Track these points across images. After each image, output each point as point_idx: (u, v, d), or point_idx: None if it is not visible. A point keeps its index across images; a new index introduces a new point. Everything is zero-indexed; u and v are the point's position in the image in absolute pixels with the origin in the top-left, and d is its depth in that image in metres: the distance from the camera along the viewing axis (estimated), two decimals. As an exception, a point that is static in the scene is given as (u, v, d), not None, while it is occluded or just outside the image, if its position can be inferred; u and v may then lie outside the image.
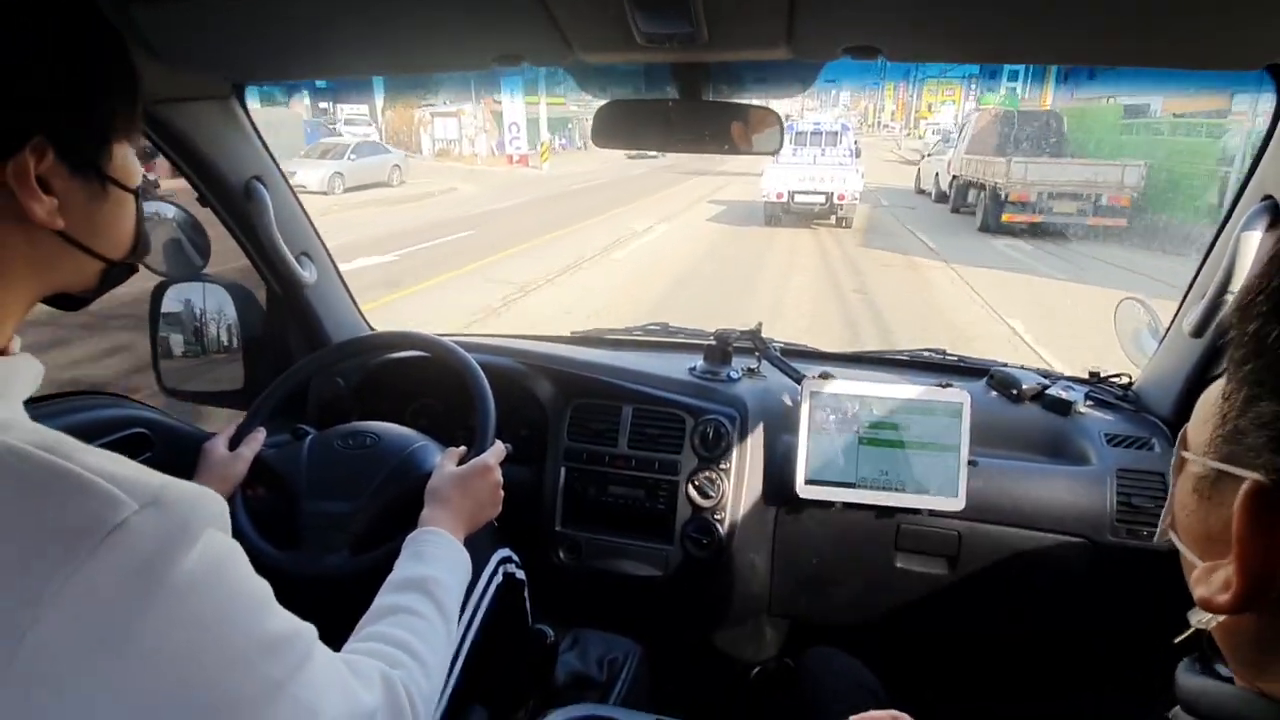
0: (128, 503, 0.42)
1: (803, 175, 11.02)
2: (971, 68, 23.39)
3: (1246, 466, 0.34)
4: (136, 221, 0.59)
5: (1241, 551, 0.33)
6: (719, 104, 1.04)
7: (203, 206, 1.25)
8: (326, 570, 0.94)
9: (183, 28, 0.92)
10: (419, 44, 0.98)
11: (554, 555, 1.36)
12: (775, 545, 1.33)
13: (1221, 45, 0.84)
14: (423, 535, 0.84)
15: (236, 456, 1.02)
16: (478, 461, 0.97)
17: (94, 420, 1.08)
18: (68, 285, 0.56)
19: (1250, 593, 0.34)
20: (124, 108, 0.54)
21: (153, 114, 1.09)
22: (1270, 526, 0.32)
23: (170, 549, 0.43)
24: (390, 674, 0.61)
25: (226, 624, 0.45)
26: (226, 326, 1.32)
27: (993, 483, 1.23)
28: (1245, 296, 0.35)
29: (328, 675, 0.53)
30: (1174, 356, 1.26)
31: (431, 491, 0.93)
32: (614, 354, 1.52)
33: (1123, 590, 1.19)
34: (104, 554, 0.41)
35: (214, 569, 0.46)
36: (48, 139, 0.48)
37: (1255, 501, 0.33)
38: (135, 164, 0.57)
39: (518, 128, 23.45)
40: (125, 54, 0.54)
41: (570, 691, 1.21)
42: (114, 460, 0.45)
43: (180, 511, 0.44)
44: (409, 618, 0.71)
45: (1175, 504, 0.41)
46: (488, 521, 0.96)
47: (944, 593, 1.27)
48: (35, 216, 0.48)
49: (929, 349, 1.60)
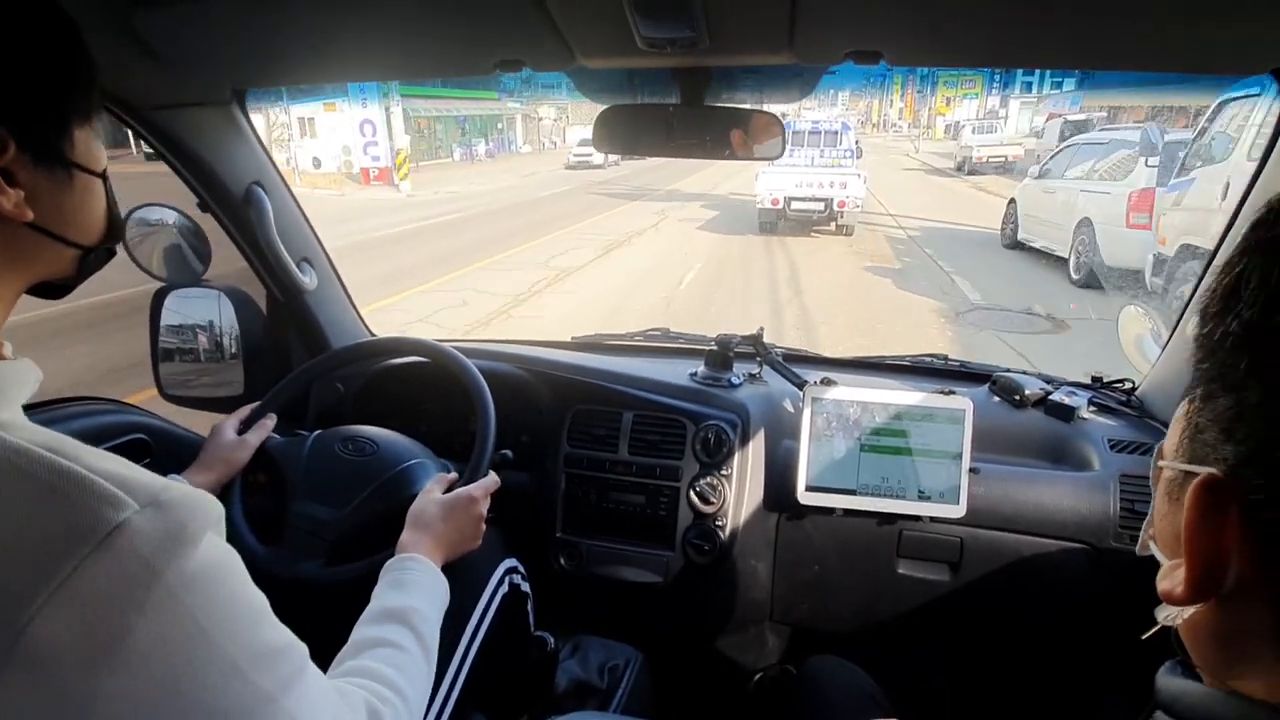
0: (129, 503, 0.43)
1: (800, 180, 10.27)
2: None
3: (1204, 462, 0.35)
4: (108, 205, 0.59)
5: (1190, 539, 0.34)
6: (720, 109, 1.04)
7: (203, 212, 1.25)
8: (300, 575, 0.94)
9: (185, 33, 0.92)
10: (420, 50, 0.99)
11: (555, 561, 1.35)
12: (777, 551, 1.32)
13: (1226, 49, 0.84)
14: (403, 562, 0.83)
15: (242, 442, 1.03)
16: (462, 492, 0.95)
17: (94, 426, 1.08)
18: (48, 275, 0.56)
19: (1201, 582, 0.35)
20: (82, 93, 0.54)
21: (153, 119, 1.09)
22: (1218, 516, 0.33)
23: (170, 550, 0.43)
24: (378, 707, 0.61)
25: (222, 630, 0.45)
26: (227, 332, 1.32)
27: (995, 489, 1.22)
28: (1201, 300, 0.36)
29: (320, 696, 0.53)
30: (1177, 362, 1.25)
31: (414, 516, 0.92)
32: (615, 360, 1.51)
33: (1125, 597, 1.18)
34: (104, 554, 0.41)
35: (213, 573, 0.46)
36: (9, 132, 0.48)
37: (1205, 493, 0.34)
38: (99, 148, 0.57)
39: (373, 128, 18.30)
40: (78, 39, 0.53)
41: (571, 699, 1.20)
42: (115, 461, 0.45)
43: (180, 514, 0.45)
44: (392, 652, 0.71)
45: (1154, 512, 0.42)
46: (465, 552, 0.94)
47: (946, 599, 1.26)
48: (3, 210, 0.48)
49: (931, 354, 1.60)
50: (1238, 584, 0.34)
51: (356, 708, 0.59)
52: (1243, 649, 0.35)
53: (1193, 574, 0.35)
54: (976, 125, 21.58)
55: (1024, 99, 26.77)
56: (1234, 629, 0.36)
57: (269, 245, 1.27)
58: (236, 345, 1.33)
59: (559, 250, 9.76)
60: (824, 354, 1.62)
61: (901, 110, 45.03)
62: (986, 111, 30.00)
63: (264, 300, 1.40)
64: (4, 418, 0.45)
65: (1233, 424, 0.33)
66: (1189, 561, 0.35)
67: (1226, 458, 0.34)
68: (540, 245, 10.19)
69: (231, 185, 1.23)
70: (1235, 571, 0.34)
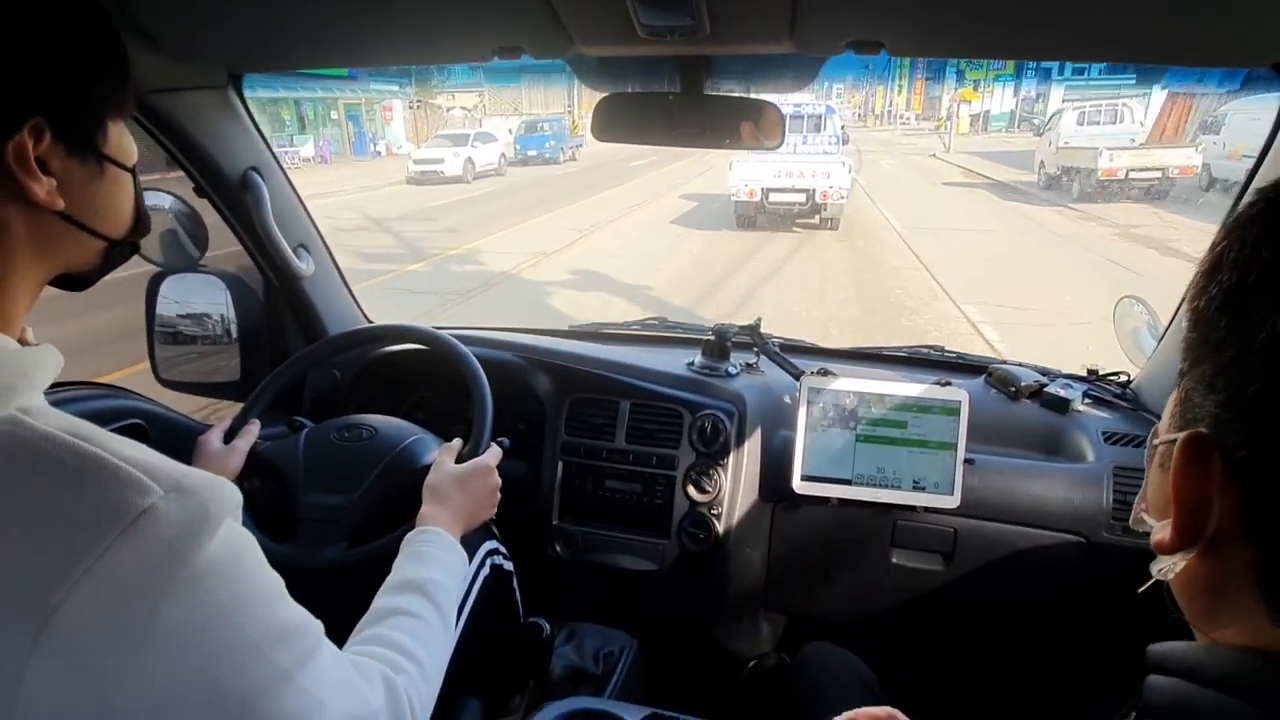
0: (154, 488, 0.43)
1: (779, 170, 9.26)
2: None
3: (1191, 426, 0.38)
4: (135, 199, 0.59)
5: (1177, 488, 0.37)
6: (720, 97, 1.04)
7: (200, 198, 1.25)
8: (323, 563, 0.94)
9: (180, 18, 0.91)
10: (417, 35, 0.98)
11: (551, 549, 1.36)
12: (771, 540, 1.33)
13: (1227, 41, 0.83)
14: (421, 535, 0.85)
15: (231, 450, 1.02)
16: (479, 461, 0.97)
17: (91, 411, 1.08)
18: (71, 266, 0.57)
19: (1187, 528, 0.37)
20: (117, 86, 0.55)
21: (149, 104, 1.09)
22: (1203, 466, 0.36)
23: (193, 534, 0.44)
24: (392, 677, 0.62)
25: (243, 611, 0.46)
26: (223, 318, 1.32)
27: (989, 480, 1.23)
28: (1194, 281, 0.39)
29: (334, 670, 0.54)
30: (1173, 355, 1.26)
31: (431, 488, 0.93)
32: (612, 349, 1.52)
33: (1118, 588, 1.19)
34: (131, 537, 0.42)
35: (233, 556, 0.47)
36: (45, 120, 0.48)
37: (1190, 446, 0.37)
38: (130, 142, 0.57)
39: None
40: (113, 32, 0.54)
41: (566, 685, 1.21)
42: (137, 448, 0.46)
43: (202, 499, 0.45)
44: (409, 620, 0.71)
45: (1147, 486, 0.45)
46: (483, 522, 0.96)
47: (939, 589, 1.27)
48: (36, 197, 0.49)
49: (928, 345, 1.60)
50: (1222, 531, 0.36)
51: (372, 679, 0.59)
52: (1226, 597, 0.38)
53: (1179, 521, 0.38)
54: (1085, 114, 13.60)
55: (1119, 86, 14.95)
56: (1220, 577, 0.38)
57: (265, 231, 1.27)
58: (233, 331, 1.33)
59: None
60: (820, 344, 1.62)
61: (910, 99, 39.59)
62: (1022, 99, 24.11)
63: (261, 286, 1.40)
64: (29, 404, 0.46)
65: (1214, 379, 0.36)
66: (1176, 510, 0.38)
67: (1211, 413, 0.37)
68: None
69: (228, 170, 1.22)
70: (1218, 518, 0.36)
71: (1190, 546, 0.38)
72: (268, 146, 1.29)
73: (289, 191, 1.36)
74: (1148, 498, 0.44)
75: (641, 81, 1.10)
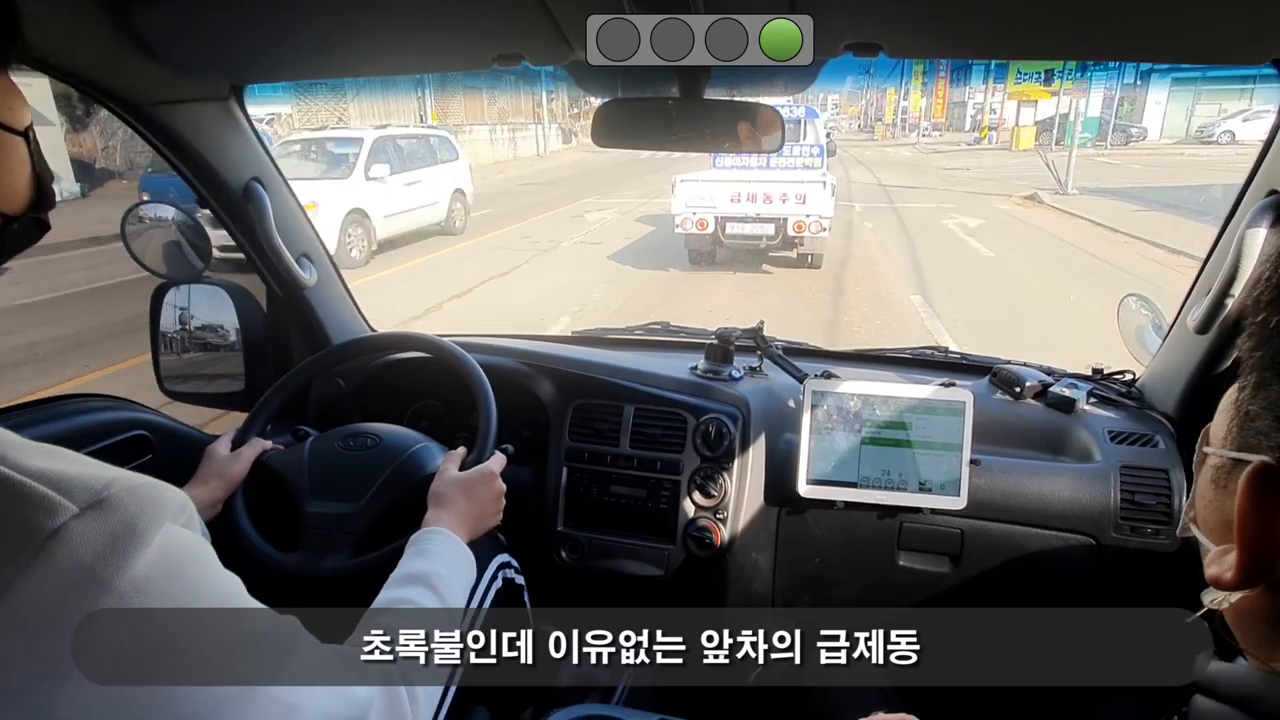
0: (66, 506, 0.39)
1: (739, 192, 6.95)
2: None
3: (1256, 450, 0.35)
4: (31, 166, 0.50)
5: (1242, 526, 0.35)
6: (720, 102, 1.04)
7: (202, 209, 1.25)
8: (329, 571, 0.94)
9: (182, 30, 0.92)
10: (418, 44, 0.98)
11: (556, 555, 1.35)
12: (777, 544, 1.32)
13: (1227, 40, 0.83)
14: (426, 534, 0.84)
15: (238, 457, 1.02)
16: (483, 468, 0.97)
17: (94, 423, 1.08)
18: None
19: (1252, 567, 0.35)
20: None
21: (152, 116, 1.09)
22: (1270, 502, 0.34)
23: (116, 553, 0.40)
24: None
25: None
26: (227, 328, 1.32)
27: (995, 481, 1.23)
28: (1253, 290, 0.36)
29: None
30: (1178, 353, 1.25)
31: (436, 494, 0.92)
32: (615, 354, 1.51)
33: (1126, 588, 1.19)
34: (41, 564, 0.38)
35: (170, 570, 0.43)
36: None
37: (1259, 479, 0.34)
38: (20, 102, 0.49)
39: None
40: None
41: (573, 692, 1.21)
42: (56, 458, 0.42)
43: (128, 511, 0.41)
44: (409, 609, 0.71)
45: (1197, 497, 0.42)
46: (488, 529, 0.96)
47: (947, 592, 1.26)
48: None
49: (931, 347, 1.60)
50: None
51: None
52: None
53: (1243, 561, 0.35)
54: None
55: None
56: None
57: (268, 241, 1.27)
58: (237, 341, 1.33)
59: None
60: (824, 347, 1.62)
61: (930, 105, 29.46)
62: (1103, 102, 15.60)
63: (264, 296, 1.40)
64: None
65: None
66: (1241, 549, 0.35)
67: (1278, 444, 0.34)
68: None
69: (231, 181, 1.23)
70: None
71: (1254, 585, 0.36)
72: (269, 157, 1.30)
73: (291, 202, 1.36)
74: (1197, 510, 0.42)
75: (640, 87, 1.10)
